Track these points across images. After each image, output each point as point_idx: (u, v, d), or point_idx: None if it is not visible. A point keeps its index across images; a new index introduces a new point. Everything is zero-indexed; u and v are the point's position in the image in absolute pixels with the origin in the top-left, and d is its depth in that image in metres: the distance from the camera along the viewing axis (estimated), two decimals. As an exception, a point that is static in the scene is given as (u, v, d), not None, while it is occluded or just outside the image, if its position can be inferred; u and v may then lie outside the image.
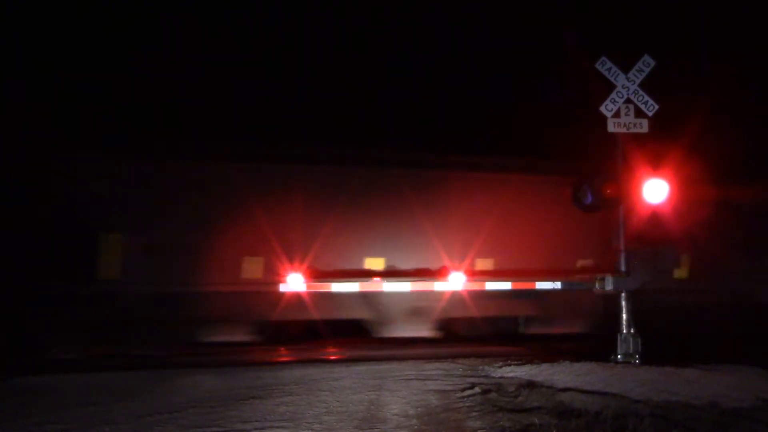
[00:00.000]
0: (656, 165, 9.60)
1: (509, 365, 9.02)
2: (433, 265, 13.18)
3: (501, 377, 8.33)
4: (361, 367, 9.16)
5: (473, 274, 12.37)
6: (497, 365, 9.12)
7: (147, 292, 12.44)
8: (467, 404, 6.64)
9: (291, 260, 12.09)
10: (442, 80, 21.34)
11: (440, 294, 12.63)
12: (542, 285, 10.21)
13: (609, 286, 9.37)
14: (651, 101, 9.54)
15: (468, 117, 19.89)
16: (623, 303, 9.33)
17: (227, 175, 13.10)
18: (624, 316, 9.27)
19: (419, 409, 6.48)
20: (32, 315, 11.92)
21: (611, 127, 9.58)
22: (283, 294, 11.13)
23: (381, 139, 15.86)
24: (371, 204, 13.60)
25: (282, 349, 13.12)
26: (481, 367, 9.09)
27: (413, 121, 19.40)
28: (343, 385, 7.71)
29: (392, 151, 14.35)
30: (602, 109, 9.59)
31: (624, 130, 9.56)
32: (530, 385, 7.63)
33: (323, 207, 13.22)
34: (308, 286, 10.32)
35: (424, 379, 8.08)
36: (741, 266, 15.21)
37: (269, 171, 13.41)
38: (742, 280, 15.13)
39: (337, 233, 13.11)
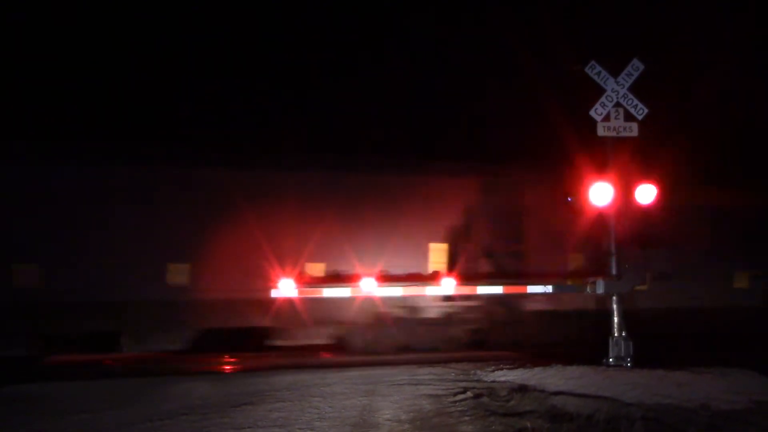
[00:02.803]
0: (645, 168, 9.62)
1: (501, 369, 9.02)
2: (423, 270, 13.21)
3: (493, 381, 8.34)
4: (354, 373, 9.15)
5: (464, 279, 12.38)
6: (489, 369, 9.12)
7: None
8: (459, 409, 6.65)
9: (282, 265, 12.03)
10: (434, 88, 21.37)
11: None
12: (533, 289, 10.23)
13: (600, 290, 9.37)
14: (641, 105, 9.56)
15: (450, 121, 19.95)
16: (615, 306, 9.31)
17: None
18: (615, 319, 9.26)
19: (412, 413, 6.48)
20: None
21: (601, 131, 9.59)
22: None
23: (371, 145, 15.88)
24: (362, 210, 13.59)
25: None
26: (473, 372, 9.09)
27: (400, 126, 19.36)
28: (335, 391, 7.70)
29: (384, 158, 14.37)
30: (592, 113, 9.60)
31: (614, 134, 9.57)
32: (522, 389, 7.64)
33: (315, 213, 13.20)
34: (300, 292, 10.33)
35: (417, 384, 8.07)
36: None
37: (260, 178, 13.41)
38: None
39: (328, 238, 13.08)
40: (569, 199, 10.64)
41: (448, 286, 10.38)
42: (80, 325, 12.68)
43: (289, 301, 11.54)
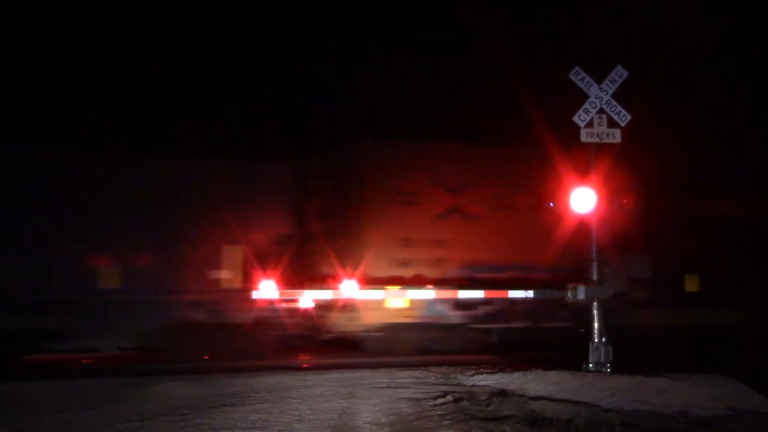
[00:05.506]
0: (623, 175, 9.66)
1: (481, 373, 9.03)
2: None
3: (473, 385, 8.34)
4: (334, 375, 9.13)
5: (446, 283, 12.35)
6: (469, 373, 9.12)
7: None
8: (439, 412, 6.64)
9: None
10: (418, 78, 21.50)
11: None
12: (514, 294, 10.25)
13: (581, 296, 9.37)
14: (624, 111, 9.57)
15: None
16: (595, 312, 9.32)
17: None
18: (596, 324, 9.27)
19: (391, 417, 6.46)
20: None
21: (584, 137, 9.60)
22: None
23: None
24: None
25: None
26: (453, 376, 9.09)
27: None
28: (315, 393, 7.68)
29: None
30: (575, 119, 9.61)
31: (597, 140, 9.58)
32: (502, 393, 7.65)
33: None
34: (281, 294, 10.30)
35: (397, 387, 8.06)
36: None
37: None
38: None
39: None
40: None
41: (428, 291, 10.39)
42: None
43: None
